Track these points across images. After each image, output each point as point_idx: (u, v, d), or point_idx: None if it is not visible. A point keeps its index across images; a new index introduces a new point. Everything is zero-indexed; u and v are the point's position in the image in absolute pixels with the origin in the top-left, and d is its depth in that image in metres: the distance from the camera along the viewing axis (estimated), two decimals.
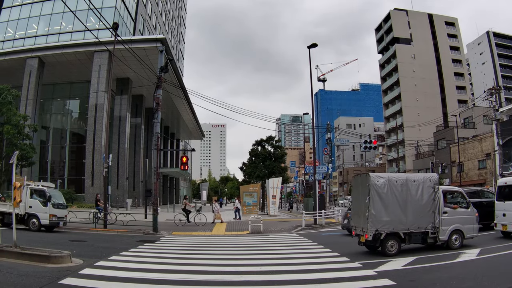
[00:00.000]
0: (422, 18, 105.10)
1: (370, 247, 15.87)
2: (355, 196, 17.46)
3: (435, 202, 15.65)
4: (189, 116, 72.29)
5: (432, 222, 15.53)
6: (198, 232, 25.34)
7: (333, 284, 10.27)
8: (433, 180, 15.96)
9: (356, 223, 16.44)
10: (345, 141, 51.68)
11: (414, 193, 15.46)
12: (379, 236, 14.89)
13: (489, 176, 50.58)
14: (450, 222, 15.95)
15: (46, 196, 23.38)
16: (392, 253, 14.84)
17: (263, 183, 54.66)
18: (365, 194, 15.31)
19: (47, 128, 53.89)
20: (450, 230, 15.87)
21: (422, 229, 15.48)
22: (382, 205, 15.05)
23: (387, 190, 15.17)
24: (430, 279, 10.74)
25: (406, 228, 15.23)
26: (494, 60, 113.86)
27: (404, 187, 15.40)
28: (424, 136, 76.88)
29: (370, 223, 14.86)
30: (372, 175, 15.55)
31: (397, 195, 15.26)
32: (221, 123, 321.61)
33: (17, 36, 52.48)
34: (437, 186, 15.89)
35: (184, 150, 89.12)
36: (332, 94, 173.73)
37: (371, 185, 15.06)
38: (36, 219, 23.15)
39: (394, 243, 15.05)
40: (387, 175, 16.00)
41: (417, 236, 15.58)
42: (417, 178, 15.96)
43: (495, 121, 40.66)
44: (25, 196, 22.27)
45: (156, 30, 70.03)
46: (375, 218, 14.89)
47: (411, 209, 15.34)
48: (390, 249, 14.97)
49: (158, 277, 10.94)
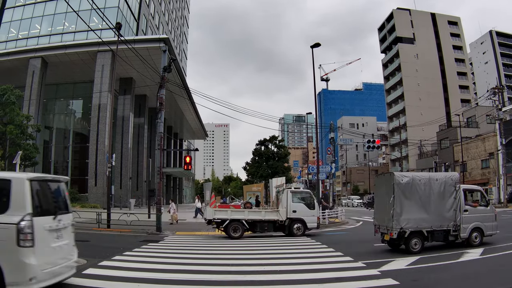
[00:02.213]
0: (425, 18, 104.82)
1: (392, 245, 16.20)
2: (379, 195, 17.70)
3: (456, 200, 15.94)
4: (192, 116, 72.31)
5: (454, 220, 15.82)
6: (201, 232, 25.32)
7: (337, 283, 10.26)
8: (454, 179, 16.26)
9: (380, 222, 16.68)
10: (348, 141, 51.64)
11: (437, 192, 15.73)
12: (404, 234, 15.16)
13: (492, 176, 50.44)
14: (471, 220, 16.18)
15: None
16: (415, 250, 15.09)
17: (267, 183, 54.69)
18: (390, 193, 15.54)
19: (50, 128, 53.95)
20: (470, 227, 16.10)
21: (444, 227, 15.78)
22: (407, 204, 15.32)
23: (411, 189, 15.45)
24: (433, 278, 10.74)
25: (429, 226, 15.50)
26: (497, 59, 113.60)
27: (427, 186, 15.67)
28: (427, 135, 76.77)
29: (395, 221, 15.12)
30: (396, 174, 15.85)
31: (421, 194, 15.54)
32: (224, 123, 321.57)
33: (20, 36, 52.54)
34: (458, 185, 16.20)
35: (188, 150, 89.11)
36: (335, 94, 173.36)
37: (396, 184, 15.33)
38: None
39: (417, 241, 15.30)
40: (411, 174, 16.36)
41: (439, 234, 15.87)
42: (439, 177, 16.21)
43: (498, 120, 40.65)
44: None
45: (159, 30, 70.08)
46: (399, 217, 15.15)
47: (433, 208, 15.61)
48: (414, 247, 15.22)
49: (162, 277, 10.95)
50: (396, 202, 15.20)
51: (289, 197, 22.99)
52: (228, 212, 22.55)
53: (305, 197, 24.01)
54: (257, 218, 22.69)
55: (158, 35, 63.45)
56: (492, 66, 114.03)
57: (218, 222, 22.25)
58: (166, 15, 77.23)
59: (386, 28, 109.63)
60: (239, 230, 22.05)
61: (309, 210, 23.22)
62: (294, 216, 22.79)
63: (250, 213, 23.14)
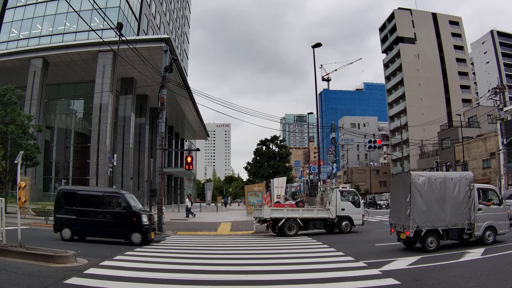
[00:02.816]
0: (426, 17, 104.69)
1: (408, 244, 16.35)
2: (395, 194, 17.86)
3: (471, 199, 16.24)
4: (193, 116, 72.22)
5: (468, 218, 16.11)
6: (203, 232, 25.35)
7: (338, 283, 10.27)
8: (468, 178, 16.59)
9: (396, 221, 16.87)
10: (349, 141, 51.66)
11: (452, 191, 16.01)
12: (420, 233, 15.39)
13: (494, 176, 50.38)
14: (484, 218, 16.45)
15: None
16: (431, 249, 15.35)
17: (268, 183, 54.68)
18: (406, 192, 15.78)
19: (51, 128, 53.90)
20: (484, 226, 16.38)
21: (459, 225, 16.06)
22: (423, 203, 15.55)
23: (427, 188, 15.70)
24: (434, 278, 10.73)
25: (445, 224, 15.77)
26: (498, 59, 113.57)
27: (443, 185, 15.94)
28: (428, 135, 76.67)
29: (411, 220, 15.34)
30: (413, 173, 16.10)
31: (436, 193, 15.80)
32: (225, 123, 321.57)
33: (21, 36, 52.50)
34: (472, 184, 16.50)
35: (189, 150, 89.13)
36: (336, 94, 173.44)
37: (413, 184, 15.56)
38: None
39: (433, 239, 15.56)
40: (427, 174, 16.75)
41: (454, 233, 16.13)
42: (454, 176, 16.52)
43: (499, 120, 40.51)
44: None
45: (160, 30, 70.02)
46: (416, 215, 15.38)
47: (449, 206, 15.89)
48: (430, 245, 15.48)
49: (163, 276, 10.97)
50: (412, 201, 15.43)
51: (338, 196, 24.54)
52: (284, 211, 23.58)
53: (352, 196, 25.75)
54: (310, 217, 23.75)
55: (159, 35, 63.33)
56: (493, 66, 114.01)
57: (274, 221, 22.95)
58: (167, 15, 77.19)
59: (387, 28, 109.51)
60: (294, 228, 22.89)
61: (356, 208, 24.93)
62: (343, 214, 24.46)
63: (304, 211, 24.39)
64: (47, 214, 27.78)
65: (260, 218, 23.62)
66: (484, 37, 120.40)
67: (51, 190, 48.95)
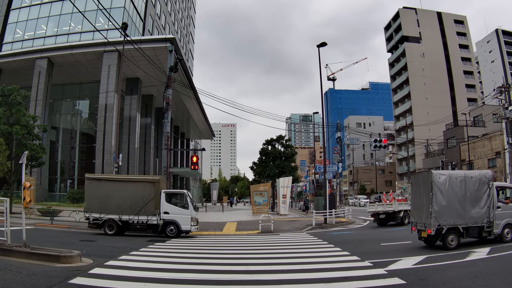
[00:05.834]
0: (431, 17, 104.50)
1: (429, 242, 16.46)
2: (415, 193, 17.93)
3: (490, 197, 16.38)
4: (199, 116, 72.17)
5: (487, 216, 16.28)
6: (208, 232, 25.35)
7: (343, 283, 10.23)
8: (488, 176, 16.69)
9: (417, 219, 17.00)
10: (355, 140, 51.47)
11: (472, 189, 16.16)
12: (441, 231, 15.55)
13: (499, 175, 50.19)
14: (503, 216, 16.69)
15: None
16: (452, 247, 15.51)
17: (274, 183, 54.65)
18: (428, 191, 15.89)
19: (56, 129, 53.95)
20: (503, 224, 16.64)
21: (479, 223, 16.19)
22: (444, 201, 15.66)
23: (448, 186, 15.81)
24: (440, 277, 10.68)
25: (465, 222, 15.92)
26: (503, 58, 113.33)
27: (463, 183, 16.08)
28: (433, 134, 76.58)
29: (433, 218, 15.46)
30: (434, 172, 16.19)
31: (457, 191, 15.93)
32: (231, 123, 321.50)
33: (26, 37, 52.59)
34: (492, 182, 16.60)
35: (194, 150, 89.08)
36: (342, 93, 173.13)
37: (434, 182, 15.64)
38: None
39: (454, 237, 15.75)
40: (448, 172, 16.84)
41: (474, 231, 16.30)
42: (474, 175, 16.62)
43: (504, 119, 40.36)
44: None
45: (165, 30, 70.03)
46: (437, 214, 15.50)
47: (469, 205, 16.03)
48: (450, 243, 15.64)
49: (168, 276, 10.95)
50: (434, 199, 15.52)
51: None
52: (408, 204, 27.51)
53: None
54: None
55: (164, 35, 63.33)
56: (499, 64, 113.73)
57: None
58: (172, 15, 77.20)
59: (392, 27, 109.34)
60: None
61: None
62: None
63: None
64: (52, 214, 27.84)
65: (383, 212, 29.63)
66: (489, 36, 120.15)
67: (57, 190, 49.05)
